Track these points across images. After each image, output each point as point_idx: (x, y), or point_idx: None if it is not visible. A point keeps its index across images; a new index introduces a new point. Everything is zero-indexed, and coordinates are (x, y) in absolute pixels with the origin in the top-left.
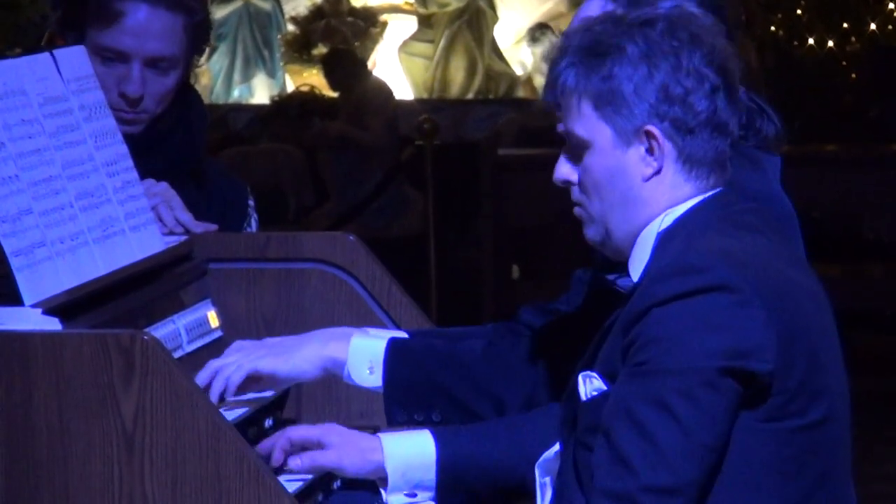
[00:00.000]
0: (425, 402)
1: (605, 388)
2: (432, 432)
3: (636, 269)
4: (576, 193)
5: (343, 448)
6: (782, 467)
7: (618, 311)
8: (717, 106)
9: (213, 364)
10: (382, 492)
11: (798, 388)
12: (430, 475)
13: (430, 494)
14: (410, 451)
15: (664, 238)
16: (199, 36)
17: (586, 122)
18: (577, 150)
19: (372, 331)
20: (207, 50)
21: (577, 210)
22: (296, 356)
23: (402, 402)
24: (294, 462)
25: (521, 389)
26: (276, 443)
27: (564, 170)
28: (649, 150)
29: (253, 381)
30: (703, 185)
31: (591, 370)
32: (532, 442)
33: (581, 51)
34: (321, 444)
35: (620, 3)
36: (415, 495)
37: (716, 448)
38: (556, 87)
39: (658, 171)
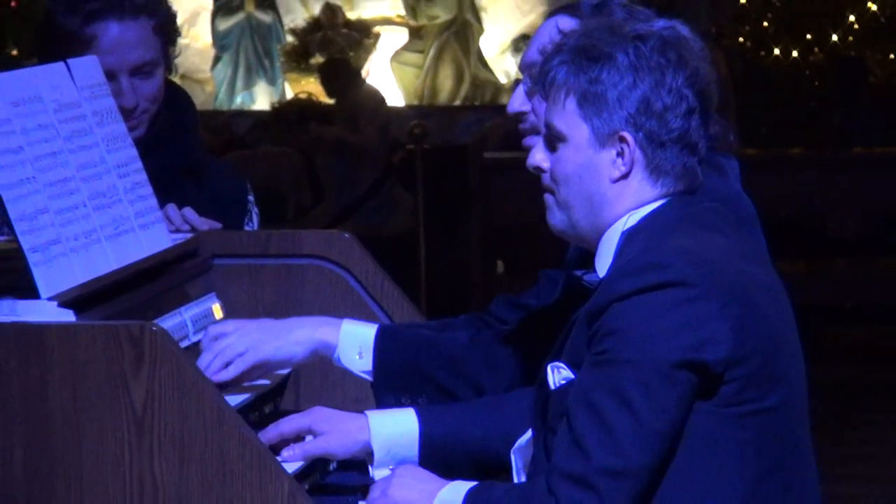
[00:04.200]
0: (412, 386)
1: (572, 376)
2: (416, 411)
3: (602, 265)
4: (546, 179)
5: (332, 433)
6: (741, 450)
7: (583, 304)
8: (691, 126)
9: (216, 347)
10: (370, 467)
11: (755, 375)
12: (413, 451)
13: None
14: (395, 430)
15: (628, 236)
16: (169, 30)
17: (567, 117)
18: (553, 141)
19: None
20: (213, 59)
21: (546, 196)
22: (288, 340)
23: (389, 385)
24: (287, 453)
25: (501, 378)
26: (265, 437)
27: (539, 156)
28: (620, 154)
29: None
30: (670, 192)
31: (559, 361)
32: (509, 422)
33: (575, 51)
34: (312, 432)
35: (572, 30)
36: None
37: (669, 435)
38: (546, 80)
39: (626, 176)
